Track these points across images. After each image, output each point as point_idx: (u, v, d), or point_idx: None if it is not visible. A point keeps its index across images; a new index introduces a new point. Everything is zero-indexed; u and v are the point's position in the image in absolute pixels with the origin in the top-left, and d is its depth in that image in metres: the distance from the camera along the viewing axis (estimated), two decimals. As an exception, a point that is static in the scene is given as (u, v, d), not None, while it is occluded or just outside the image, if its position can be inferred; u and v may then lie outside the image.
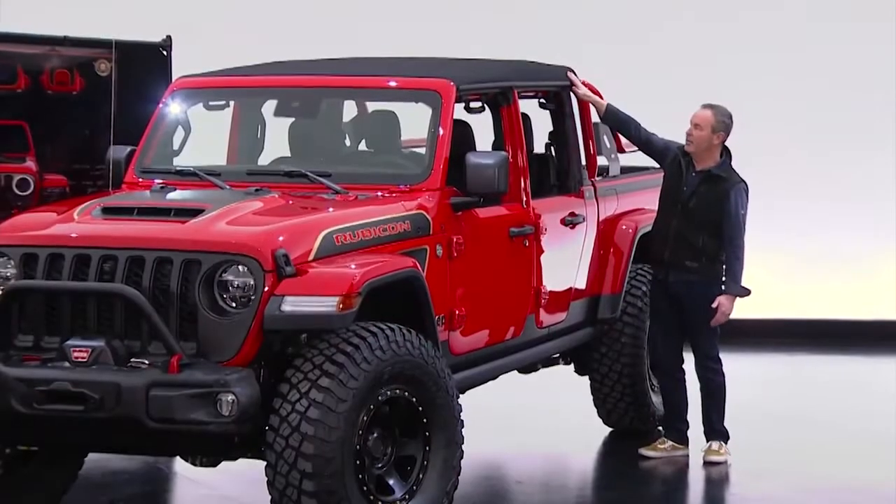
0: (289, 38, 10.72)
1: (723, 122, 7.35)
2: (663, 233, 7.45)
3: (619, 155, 8.21)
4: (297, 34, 10.90)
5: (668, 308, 7.48)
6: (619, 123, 7.68)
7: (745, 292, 7.36)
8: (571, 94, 7.71)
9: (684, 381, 7.65)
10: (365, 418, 5.71)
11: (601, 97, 8.10)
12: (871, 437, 8.23)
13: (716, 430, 7.57)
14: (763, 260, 7.39)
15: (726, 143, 7.47)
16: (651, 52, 11.23)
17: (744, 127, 7.61)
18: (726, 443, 7.58)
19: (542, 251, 7.15)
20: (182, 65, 8.15)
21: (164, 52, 8.48)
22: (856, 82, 11.28)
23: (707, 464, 7.54)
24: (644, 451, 7.66)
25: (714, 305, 7.30)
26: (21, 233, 5.98)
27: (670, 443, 7.65)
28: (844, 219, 11.27)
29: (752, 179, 7.46)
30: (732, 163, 7.45)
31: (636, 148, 7.80)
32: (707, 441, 7.60)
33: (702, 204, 7.33)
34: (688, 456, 7.63)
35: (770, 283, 7.42)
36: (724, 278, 7.38)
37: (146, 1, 11.02)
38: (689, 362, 7.70)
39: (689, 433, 7.69)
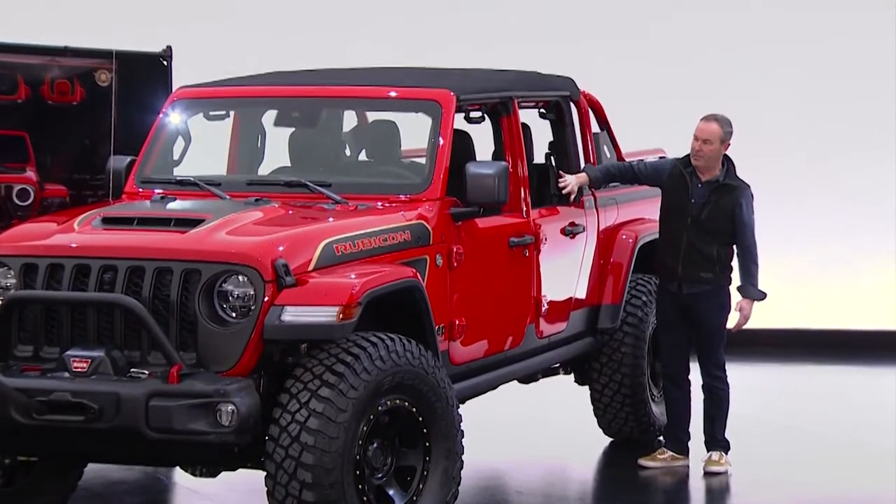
0: (289, 48, 10.74)
1: (729, 133, 7.36)
2: (674, 246, 7.42)
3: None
4: (296, 43, 10.92)
5: (678, 319, 7.48)
6: (608, 177, 7.63)
7: (763, 296, 7.41)
8: (571, 103, 7.72)
9: (689, 391, 7.64)
10: (365, 428, 5.71)
11: (601, 108, 8.11)
12: (871, 448, 8.22)
13: (717, 440, 7.57)
14: (761, 269, 7.40)
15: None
16: (648, 49, 11.23)
17: (740, 132, 7.61)
18: (727, 453, 7.57)
19: (542, 261, 7.15)
20: (182, 75, 8.16)
21: (165, 63, 8.49)
22: (857, 88, 11.27)
23: (707, 474, 7.53)
24: (643, 462, 7.65)
25: (737, 310, 7.36)
26: (21, 243, 5.98)
27: (670, 453, 7.64)
28: (844, 227, 11.26)
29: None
30: (735, 168, 7.45)
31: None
32: (708, 451, 7.60)
33: (714, 214, 7.33)
34: (688, 466, 7.63)
35: (769, 293, 7.42)
36: (732, 285, 7.41)
37: (146, 11, 11.04)
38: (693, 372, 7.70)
39: (690, 443, 7.69)
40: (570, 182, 7.43)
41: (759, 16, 11.34)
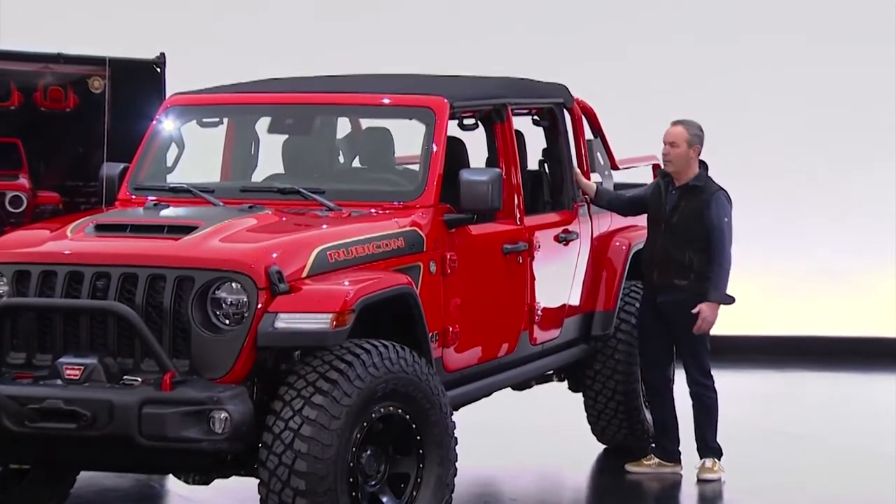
0: (283, 55, 10.74)
1: (696, 135, 7.36)
2: (651, 254, 7.47)
3: (613, 172, 8.23)
4: (291, 51, 10.92)
5: (658, 327, 7.47)
6: (611, 205, 7.72)
7: (729, 300, 7.31)
8: (565, 110, 7.73)
9: (673, 399, 7.64)
10: (358, 435, 5.70)
11: (594, 115, 8.13)
12: (862, 454, 8.23)
13: (709, 447, 7.56)
14: (755, 276, 7.41)
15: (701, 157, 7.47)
16: (650, 71, 11.25)
17: (739, 143, 7.62)
18: (720, 459, 7.57)
19: (536, 268, 7.14)
20: (176, 82, 8.16)
21: (158, 70, 8.49)
22: (853, 99, 11.29)
23: (700, 481, 7.52)
24: (629, 468, 7.66)
25: (695, 311, 7.28)
26: (14, 250, 5.97)
27: (656, 460, 7.64)
28: (837, 235, 11.27)
29: (745, 195, 7.47)
30: (710, 174, 7.44)
31: (627, 212, 7.81)
32: (700, 458, 7.59)
33: (684, 218, 7.33)
34: (679, 473, 7.62)
35: (762, 300, 7.43)
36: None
37: (140, 18, 11.04)
38: (680, 380, 7.69)
39: (683, 450, 7.68)
40: (582, 180, 7.60)
41: (758, 41, 11.36)
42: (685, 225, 7.31)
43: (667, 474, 7.60)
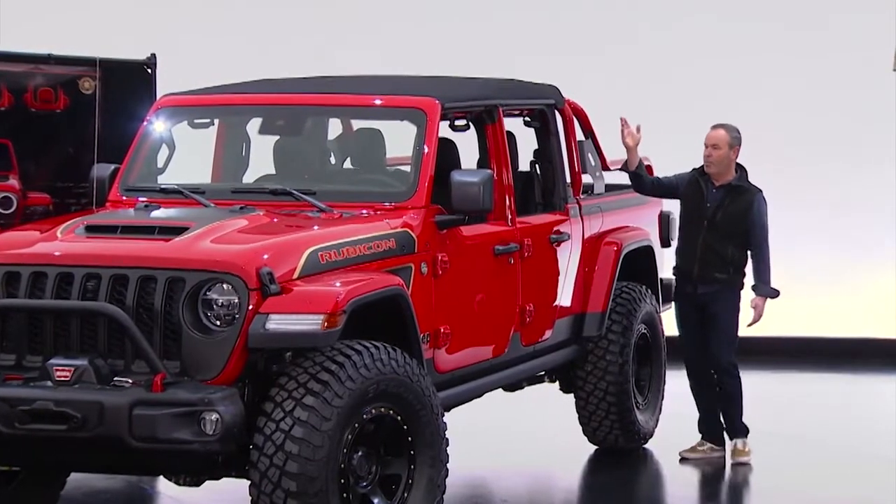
0: (274, 56, 10.73)
1: (737, 138, 7.74)
2: (691, 249, 7.77)
3: (605, 173, 8.23)
4: (282, 51, 10.92)
5: (694, 318, 7.81)
6: (636, 176, 7.87)
7: (776, 293, 7.75)
8: (556, 111, 7.73)
9: (714, 383, 7.89)
10: (349, 437, 5.70)
11: (585, 116, 8.14)
12: (862, 455, 8.22)
13: (736, 427, 7.84)
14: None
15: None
16: (644, 59, 11.25)
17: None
18: (746, 437, 7.81)
19: (527, 269, 7.15)
20: (166, 83, 8.15)
21: (149, 70, 8.49)
22: (853, 97, 11.29)
23: (735, 465, 7.73)
24: (684, 454, 7.88)
25: (752, 307, 7.68)
26: (4, 251, 5.96)
27: (709, 445, 7.90)
28: (836, 235, 11.28)
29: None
30: (747, 174, 7.78)
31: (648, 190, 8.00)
32: (731, 439, 7.83)
33: (727, 216, 7.69)
34: (724, 457, 7.84)
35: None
36: (743, 285, 7.75)
37: (131, 19, 11.03)
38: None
39: (680, 436, 7.85)
40: (629, 142, 7.71)
41: (752, 28, 11.36)
42: (728, 222, 7.68)
43: (715, 458, 7.84)
